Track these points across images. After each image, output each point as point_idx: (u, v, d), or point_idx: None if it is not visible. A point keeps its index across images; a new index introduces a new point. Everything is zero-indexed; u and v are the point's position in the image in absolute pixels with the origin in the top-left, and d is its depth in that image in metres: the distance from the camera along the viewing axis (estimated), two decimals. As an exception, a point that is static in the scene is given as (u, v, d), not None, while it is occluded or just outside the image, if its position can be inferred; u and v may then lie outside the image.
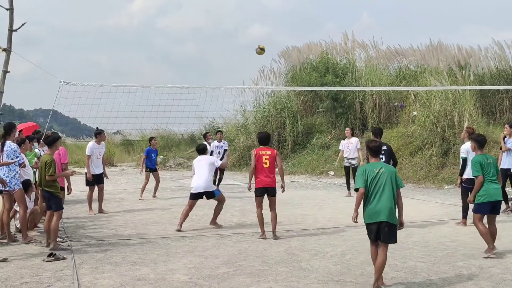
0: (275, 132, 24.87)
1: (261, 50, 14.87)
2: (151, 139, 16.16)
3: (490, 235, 8.03)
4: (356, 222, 6.52)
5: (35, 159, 10.62)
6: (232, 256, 8.25)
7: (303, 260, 7.91)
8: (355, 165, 15.20)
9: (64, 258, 8.09)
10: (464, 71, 20.31)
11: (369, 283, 6.67)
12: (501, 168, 12.04)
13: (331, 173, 21.14)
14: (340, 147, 15.83)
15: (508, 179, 12.14)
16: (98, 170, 12.97)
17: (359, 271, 7.28)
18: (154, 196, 15.53)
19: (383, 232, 6.37)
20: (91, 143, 13.10)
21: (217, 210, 10.86)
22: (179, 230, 10.30)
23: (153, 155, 15.69)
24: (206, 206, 13.80)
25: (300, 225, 10.90)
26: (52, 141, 9.08)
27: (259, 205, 9.68)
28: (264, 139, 9.78)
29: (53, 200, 8.84)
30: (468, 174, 10.17)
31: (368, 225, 6.49)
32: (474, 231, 9.76)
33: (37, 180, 9.72)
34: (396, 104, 22.28)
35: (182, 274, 7.22)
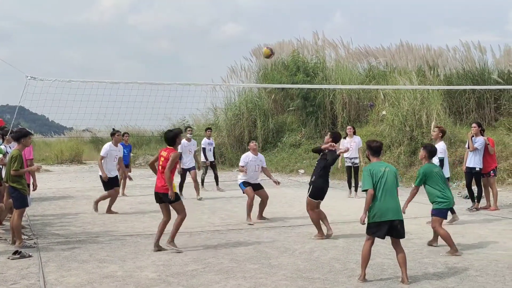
0: (246, 130, 24.89)
1: (267, 53, 13.41)
2: (123, 134, 15.96)
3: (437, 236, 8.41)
4: (364, 224, 6.63)
5: (1, 155, 10.41)
6: (201, 253, 8.24)
7: (272, 257, 7.93)
8: (357, 164, 14.62)
9: (30, 256, 7.98)
10: (432, 71, 20.63)
11: (337, 280, 6.73)
12: (466, 167, 12.29)
13: (301, 171, 21.25)
14: (341, 146, 14.75)
15: (473, 178, 12.36)
16: (113, 173, 12.33)
17: (327, 268, 7.33)
18: (123, 194, 15.36)
19: (396, 229, 6.60)
20: (107, 144, 12.46)
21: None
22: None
23: (125, 151, 15.43)
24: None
25: (269, 222, 10.93)
26: (18, 136, 8.91)
27: (162, 213, 8.69)
28: (168, 139, 8.68)
29: (16, 196, 8.65)
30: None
31: (376, 224, 6.57)
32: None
33: (3, 176, 9.54)
34: (365, 103, 22.50)
35: (151, 271, 7.18)
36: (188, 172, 14.77)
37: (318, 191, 9.29)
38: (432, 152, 8.52)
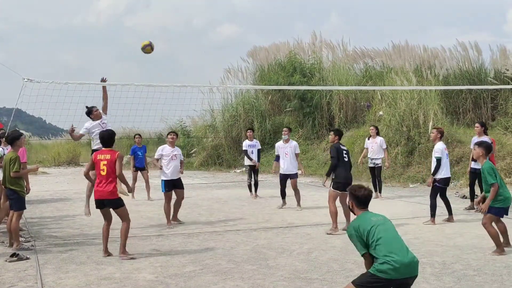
0: (243, 132, 24.86)
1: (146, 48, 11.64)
2: (134, 136, 15.46)
3: (502, 232, 8.15)
4: None
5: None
6: (198, 254, 8.23)
7: (270, 258, 7.93)
8: (380, 165, 14.43)
9: (27, 258, 7.96)
10: (429, 72, 20.65)
11: (334, 280, 6.73)
12: (471, 167, 12.24)
13: (299, 172, 21.21)
14: (365, 146, 14.88)
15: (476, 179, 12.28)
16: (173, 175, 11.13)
17: (325, 268, 7.34)
18: (148, 198, 14.65)
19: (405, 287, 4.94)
20: (161, 147, 11.33)
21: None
22: None
23: (140, 153, 14.81)
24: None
25: (267, 223, 10.93)
26: (12, 139, 8.89)
27: (104, 218, 8.23)
28: (105, 140, 8.16)
29: (15, 198, 8.65)
30: (442, 174, 10.31)
31: (378, 280, 4.81)
32: (437, 228, 9.96)
33: (0, 179, 9.51)
34: (362, 103, 22.51)
35: (148, 273, 7.18)
36: (289, 178, 13.04)
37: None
38: (488, 148, 8.28)
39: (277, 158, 13.26)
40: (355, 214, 5.26)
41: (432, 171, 10.51)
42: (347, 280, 6.74)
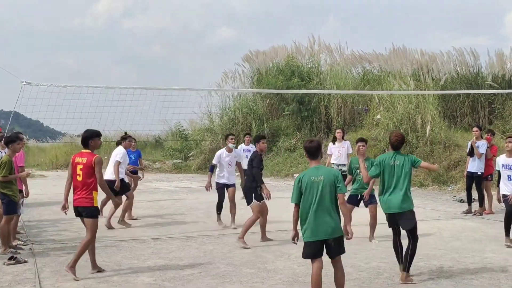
0: (241, 135, 24.88)
1: None
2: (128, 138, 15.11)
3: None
4: (295, 243, 5.97)
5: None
6: (197, 258, 8.24)
7: (268, 262, 7.94)
8: (345, 172, 12.55)
9: (25, 262, 7.94)
10: (428, 76, 20.70)
11: (333, 283, 6.73)
12: (467, 171, 12.26)
13: (297, 175, 21.23)
14: (329, 151, 13.54)
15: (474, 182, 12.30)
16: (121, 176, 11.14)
17: (322, 271, 7.32)
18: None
19: (329, 248, 5.88)
20: (121, 149, 11.30)
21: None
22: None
23: (132, 157, 13.89)
24: (171, 208, 13.78)
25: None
26: (7, 141, 8.83)
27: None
28: (83, 139, 7.40)
29: (6, 203, 8.46)
30: None
31: (309, 243, 5.84)
32: (435, 232, 9.98)
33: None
34: (360, 107, 22.55)
35: (147, 276, 7.18)
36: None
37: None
38: None
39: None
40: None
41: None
42: (344, 283, 6.74)
